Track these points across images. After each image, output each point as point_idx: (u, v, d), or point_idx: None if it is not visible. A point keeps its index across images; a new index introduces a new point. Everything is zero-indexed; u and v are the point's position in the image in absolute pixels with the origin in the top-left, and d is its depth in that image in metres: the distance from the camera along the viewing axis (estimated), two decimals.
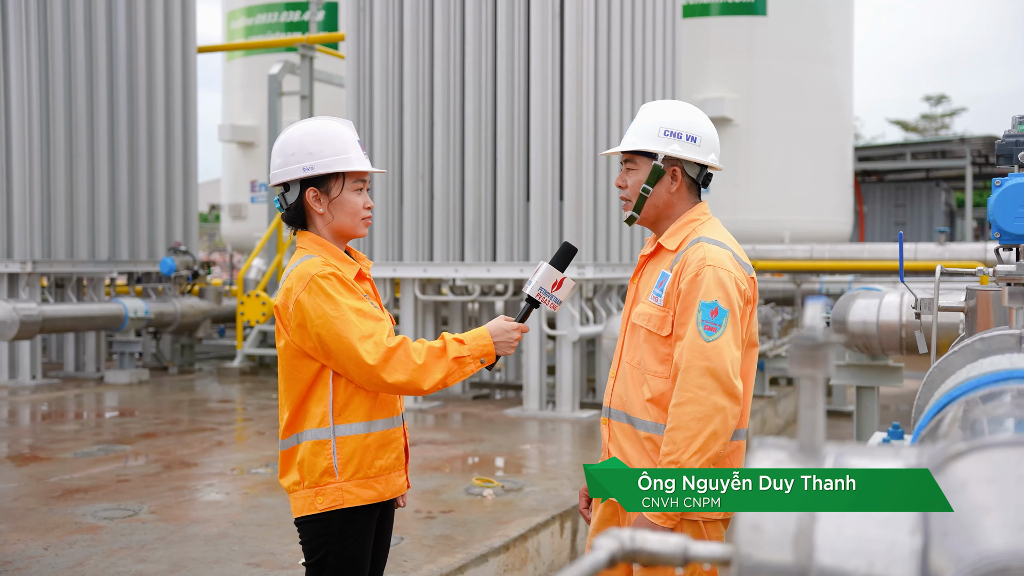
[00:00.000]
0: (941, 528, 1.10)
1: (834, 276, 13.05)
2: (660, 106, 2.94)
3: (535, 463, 7.35)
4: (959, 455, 1.15)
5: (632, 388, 2.87)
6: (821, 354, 1.22)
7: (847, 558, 1.13)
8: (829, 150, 15.49)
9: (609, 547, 1.30)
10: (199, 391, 11.41)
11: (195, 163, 13.65)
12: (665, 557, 1.32)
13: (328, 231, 2.96)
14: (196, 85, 13.68)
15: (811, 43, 15.18)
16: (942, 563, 1.07)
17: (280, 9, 17.42)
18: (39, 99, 11.67)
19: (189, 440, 8.10)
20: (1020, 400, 1.55)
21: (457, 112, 9.62)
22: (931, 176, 25.99)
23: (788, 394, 11.24)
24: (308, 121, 3.00)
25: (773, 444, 1.27)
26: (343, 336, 2.77)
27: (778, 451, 1.26)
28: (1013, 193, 2.93)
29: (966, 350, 2.25)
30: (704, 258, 2.72)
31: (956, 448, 1.16)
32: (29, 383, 11.45)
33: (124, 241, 12.59)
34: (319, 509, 2.87)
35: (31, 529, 5.30)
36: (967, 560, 1.02)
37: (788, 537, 1.17)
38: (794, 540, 1.16)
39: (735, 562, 1.18)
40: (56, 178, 11.85)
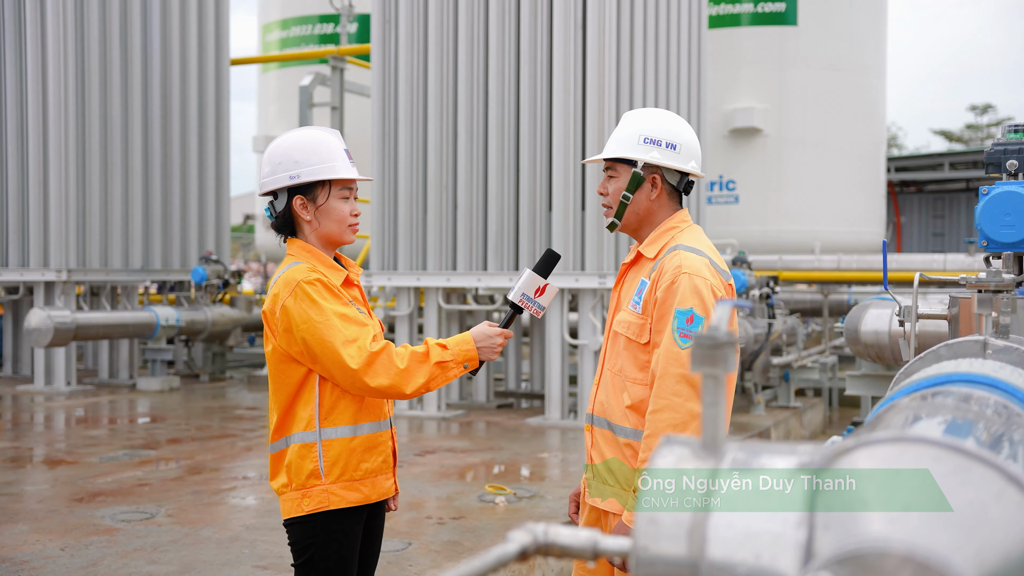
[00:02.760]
0: (824, 522, 1.13)
1: (863, 287, 12.94)
2: (640, 114, 2.97)
3: (552, 471, 7.37)
4: (846, 451, 1.18)
5: (613, 395, 2.91)
6: (722, 353, 1.26)
7: (736, 550, 1.17)
8: (861, 160, 15.39)
9: (521, 540, 1.34)
10: (229, 398, 11.56)
11: (227, 173, 13.86)
12: (576, 550, 1.36)
13: (316, 238, 3.02)
14: (229, 96, 13.89)
15: (842, 53, 15.11)
16: (821, 554, 1.10)
17: (314, 22, 17.63)
18: (75, 112, 11.92)
19: (214, 446, 8.22)
20: (946, 400, 1.58)
21: (481, 123, 9.70)
22: (971, 187, 25.68)
23: (814, 405, 11.16)
24: (295, 131, 3.07)
25: (677, 441, 1.30)
26: (327, 340, 2.83)
27: (681, 447, 1.29)
28: (1000, 201, 2.94)
29: (930, 356, 2.26)
30: (680, 266, 2.74)
31: (844, 445, 1.19)
32: (64, 389, 11.66)
33: (157, 250, 12.80)
34: (305, 511, 2.93)
35: (51, 530, 5.42)
36: (836, 551, 1.05)
37: (683, 530, 1.20)
38: (688, 533, 1.20)
39: (632, 554, 1.22)
40: (91, 188, 12.08)
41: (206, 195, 13.46)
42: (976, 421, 1.42)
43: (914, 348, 2.88)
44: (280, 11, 18.11)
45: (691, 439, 1.30)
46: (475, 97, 9.70)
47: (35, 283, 11.94)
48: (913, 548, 1.00)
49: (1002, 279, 2.51)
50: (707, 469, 1.25)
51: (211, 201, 13.53)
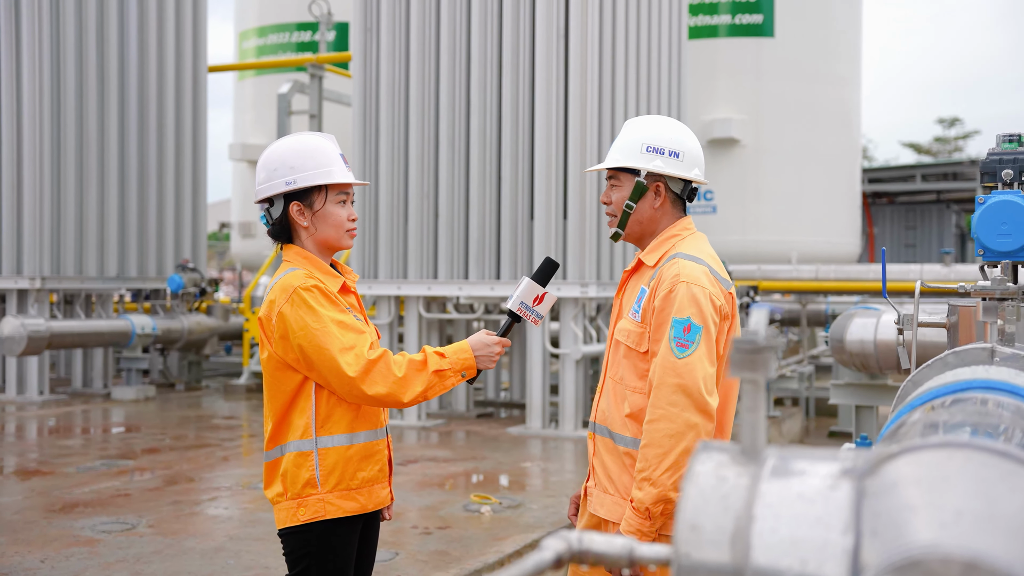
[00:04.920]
0: (871, 528, 1.11)
1: (841, 297, 13.02)
2: (642, 122, 2.95)
3: (536, 481, 7.35)
4: (891, 457, 1.16)
5: (613, 403, 2.89)
6: (762, 358, 1.24)
7: (781, 556, 1.15)
8: (837, 171, 15.49)
9: (556, 547, 1.32)
10: (205, 408, 11.44)
11: (204, 181, 13.76)
12: (611, 558, 1.34)
13: (313, 244, 2.98)
14: (206, 103, 13.79)
15: (819, 64, 15.21)
16: (871, 560, 1.09)
17: (291, 29, 17.56)
18: (50, 118, 11.79)
19: (192, 456, 8.13)
20: (975, 407, 1.57)
21: (462, 132, 9.68)
22: (942, 198, 25.95)
23: (793, 414, 11.19)
24: (290, 136, 3.03)
25: (716, 447, 1.28)
26: (324, 348, 2.79)
27: (720, 454, 1.27)
28: (996, 210, 2.94)
29: (938, 363, 2.26)
30: (678, 274, 2.72)
31: (889, 450, 1.17)
32: (36, 398, 11.50)
33: (133, 258, 12.67)
34: (301, 520, 2.88)
35: (30, 542, 5.33)
36: (888, 557, 1.03)
37: (726, 537, 1.18)
38: (731, 540, 1.18)
39: (674, 562, 1.20)
40: (66, 195, 11.95)
41: (183, 202, 13.34)
42: (1012, 427, 1.41)
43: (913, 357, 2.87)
44: (257, 18, 18.02)
45: (729, 445, 1.28)
46: (457, 105, 9.69)
47: (7, 291, 11.78)
48: (978, 554, 0.98)
49: (1007, 287, 2.51)
50: (748, 475, 1.23)
51: (188, 209, 13.41)
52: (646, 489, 2.62)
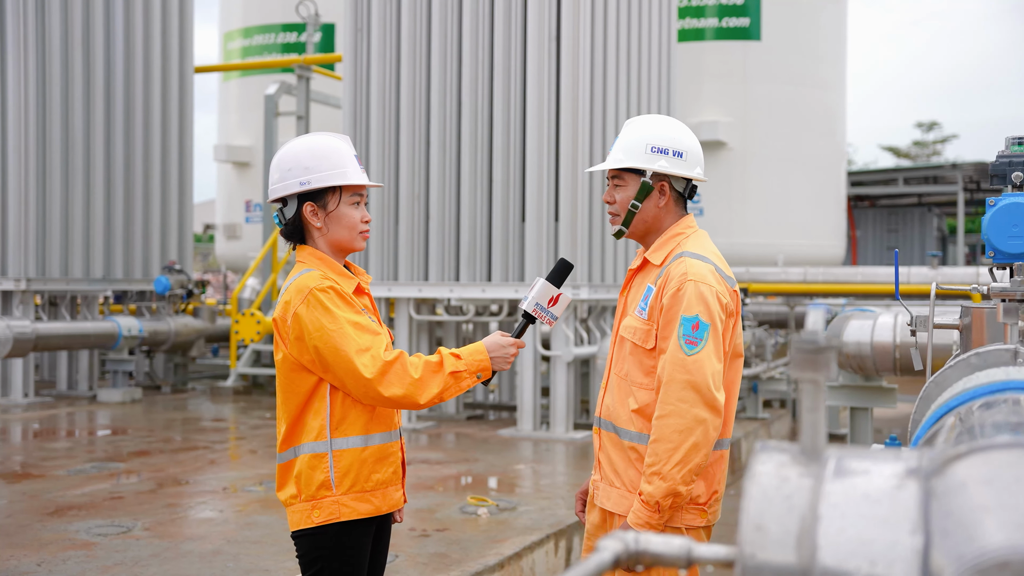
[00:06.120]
0: (941, 528, 1.12)
1: (828, 299, 13.09)
2: (645, 122, 2.98)
3: (529, 483, 7.34)
4: (959, 457, 1.17)
5: (619, 399, 2.94)
6: (823, 358, 1.24)
7: (848, 557, 1.15)
8: (823, 174, 15.58)
9: (613, 548, 1.32)
10: (192, 410, 11.38)
11: (190, 182, 13.68)
12: (669, 558, 1.33)
13: (326, 245, 2.97)
14: (192, 104, 13.72)
15: (805, 68, 15.30)
16: (942, 562, 1.09)
17: (277, 30, 17.50)
18: (36, 117, 11.70)
19: (182, 458, 8.08)
20: (1016, 408, 1.57)
21: (453, 133, 9.67)
22: (923, 201, 26.14)
23: (781, 416, 11.24)
24: (305, 137, 3.02)
25: (775, 447, 1.28)
26: (340, 349, 2.78)
27: (780, 454, 1.27)
28: (1007, 213, 2.96)
29: (962, 364, 2.27)
30: (686, 273, 2.77)
31: (956, 450, 1.18)
32: (21, 401, 11.40)
33: (119, 259, 12.58)
34: (316, 522, 2.87)
35: (24, 545, 5.28)
36: (967, 558, 1.04)
37: (791, 537, 1.18)
38: (797, 540, 1.18)
39: (739, 562, 1.20)
40: (52, 196, 11.86)
41: (168, 203, 13.26)
42: None
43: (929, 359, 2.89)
44: (242, 19, 17.95)
45: (788, 444, 1.28)
46: (448, 107, 9.67)
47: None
48: None
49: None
50: (810, 475, 1.23)
51: (174, 210, 13.33)
52: (655, 483, 2.67)
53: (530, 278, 9.25)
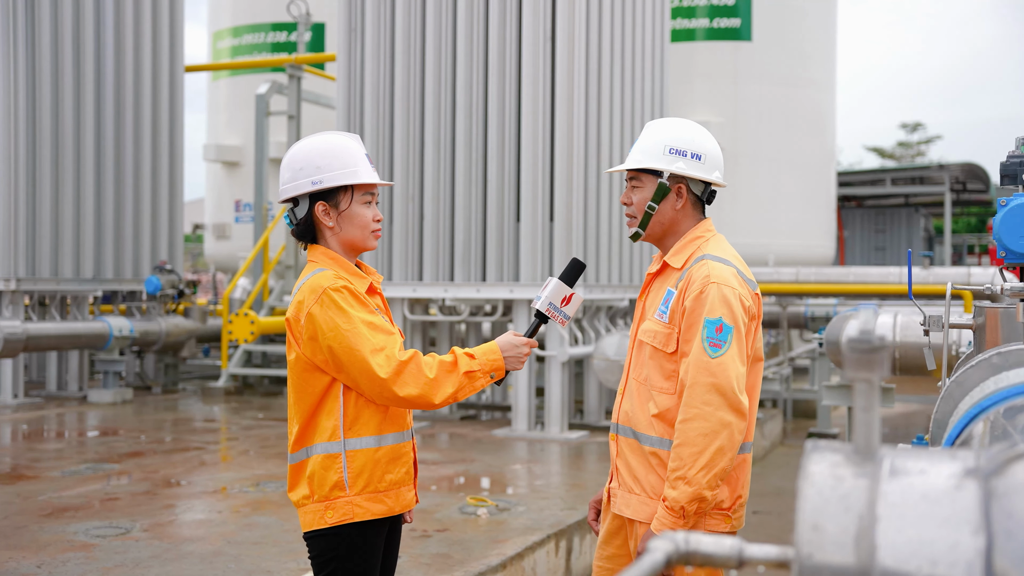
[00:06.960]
0: (1005, 529, 1.11)
1: (819, 299, 13.13)
2: (665, 124, 2.98)
3: (526, 483, 7.33)
4: (1020, 457, 1.16)
5: (638, 404, 2.91)
6: (878, 357, 1.23)
7: (909, 558, 1.14)
8: (813, 174, 15.63)
9: (665, 548, 1.31)
10: (184, 411, 11.32)
11: (181, 182, 13.61)
12: (720, 559, 1.32)
13: (338, 244, 2.96)
14: (183, 104, 13.65)
15: (795, 69, 15.34)
16: (1006, 564, 1.08)
17: (266, 30, 17.44)
18: (26, 118, 11.62)
19: (176, 459, 8.03)
20: None
21: (448, 132, 9.65)
22: (910, 202, 26.26)
23: (774, 416, 11.26)
24: (315, 136, 3.01)
25: (828, 447, 1.28)
26: (355, 349, 2.76)
27: (833, 454, 1.26)
28: (1018, 213, 2.96)
29: (983, 364, 2.27)
30: (708, 275, 2.76)
31: (1017, 450, 1.17)
32: (11, 402, 11.32)
33: (109, 259, 12.51)
34: (329, 523, 2.85)
35: (23, 547, 5.24)
36: None
37: (849, 538, 1.18)
38: (855, 541, 1.17)
39: (795, 563, 1.19)
40: (42, 196, 11.78)
41: (159, 203, 13.19)
42: None
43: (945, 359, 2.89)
44: (231, 19, 17.88)
45: (840, 444, 1.28)
46: (442, 107, 9.65)
47: None
48: None
49: None
50: (866, 475, 1.23)
51: (164, 210, 13.26)
52: (680, 488, 2.64)
53: (525, 278, 9.24)
